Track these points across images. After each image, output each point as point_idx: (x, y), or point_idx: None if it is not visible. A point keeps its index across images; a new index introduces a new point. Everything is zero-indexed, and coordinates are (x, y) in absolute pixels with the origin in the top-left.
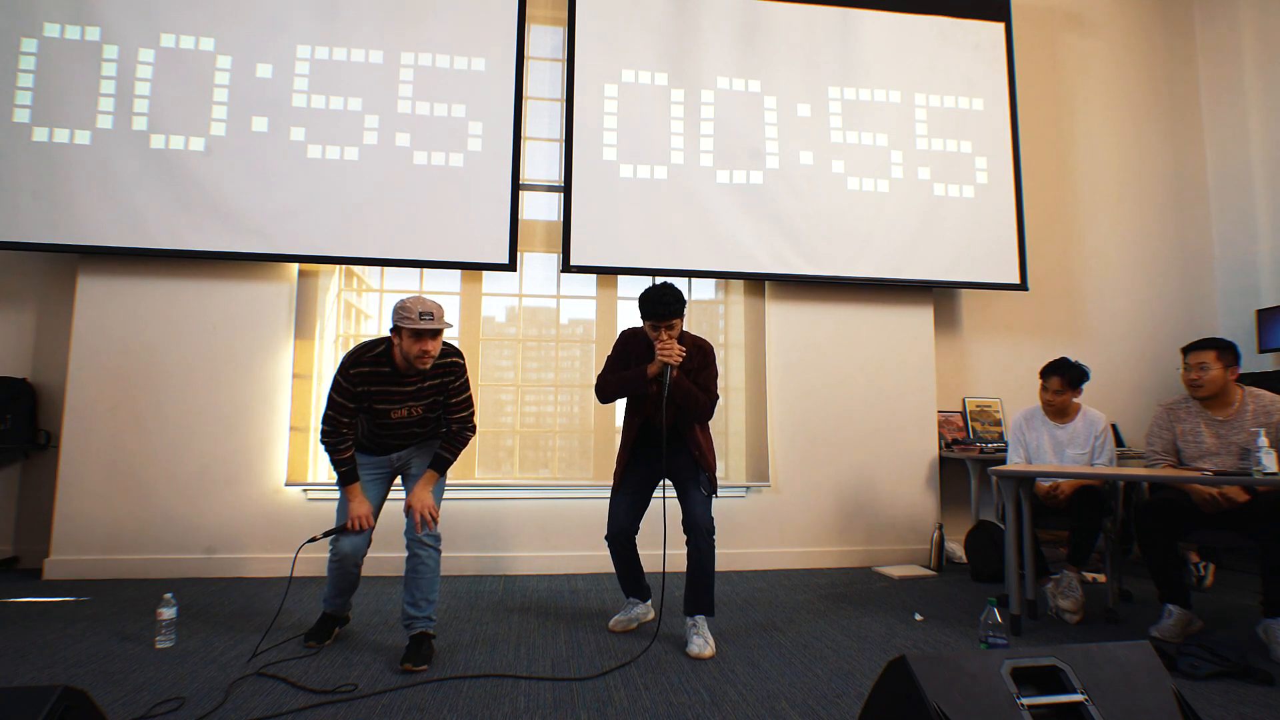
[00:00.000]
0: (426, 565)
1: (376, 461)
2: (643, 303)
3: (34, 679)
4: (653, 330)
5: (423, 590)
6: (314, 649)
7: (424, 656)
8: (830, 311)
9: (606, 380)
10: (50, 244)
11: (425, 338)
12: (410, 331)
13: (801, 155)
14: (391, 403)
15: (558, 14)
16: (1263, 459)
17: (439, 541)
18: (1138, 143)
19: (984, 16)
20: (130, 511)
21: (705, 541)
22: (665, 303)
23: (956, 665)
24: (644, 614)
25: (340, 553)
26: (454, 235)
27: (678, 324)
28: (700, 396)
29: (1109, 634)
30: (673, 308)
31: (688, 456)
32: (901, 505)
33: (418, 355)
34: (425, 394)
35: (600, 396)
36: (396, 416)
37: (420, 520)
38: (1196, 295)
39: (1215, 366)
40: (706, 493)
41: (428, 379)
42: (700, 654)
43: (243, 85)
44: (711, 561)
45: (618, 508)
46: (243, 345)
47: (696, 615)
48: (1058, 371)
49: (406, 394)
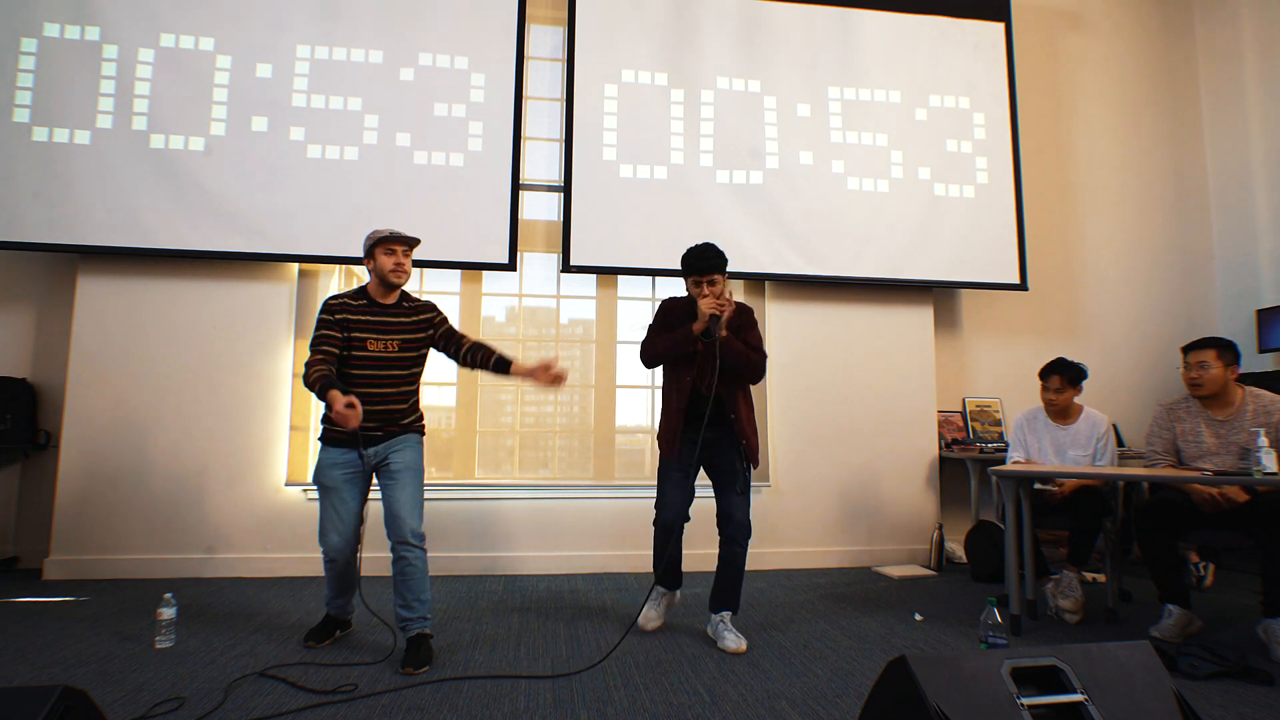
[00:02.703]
0: (414, 566)
1: (349, 459)
2: (686, 259)
3: (34, 679)
4: (695, 287)
5: (413, 591)
6: (311, 647)
7: (424, 658)
8: (830, 311)
9: (652, 342)
10: (50, 244)
11: (396, 249)
12: (382, 247)
13: (801, 155)
14: (367, 332)
15: (558, 14)
16: (1263, 459)
17: (423, 541)
18: (1138, 143)
19: (984, 16)
20: (130, 511)
21: (743, 544)
22: (707, 257)
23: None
24: (676, 599)
25: (330, 549)
26: (454, 235)
27: (720, 280)
28: (751, 354)
29: (1109, 634)
30: (714, 262)
31: (733, 441)
32: (901, 505)
33: (391, 269)
34: (403, 329)
35: (646, 360)
36: (373, 348)
37: (557, 372)
38: (1196, 295)
39: (1215, 365)
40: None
41: (403, 315)
42: (739, 649)
43: (243, 85)
44: (744, 562)
45: (672, 496)
46: (243, 345)
47: (724, 611)
48: (1057, 370)
49: (384, 324)
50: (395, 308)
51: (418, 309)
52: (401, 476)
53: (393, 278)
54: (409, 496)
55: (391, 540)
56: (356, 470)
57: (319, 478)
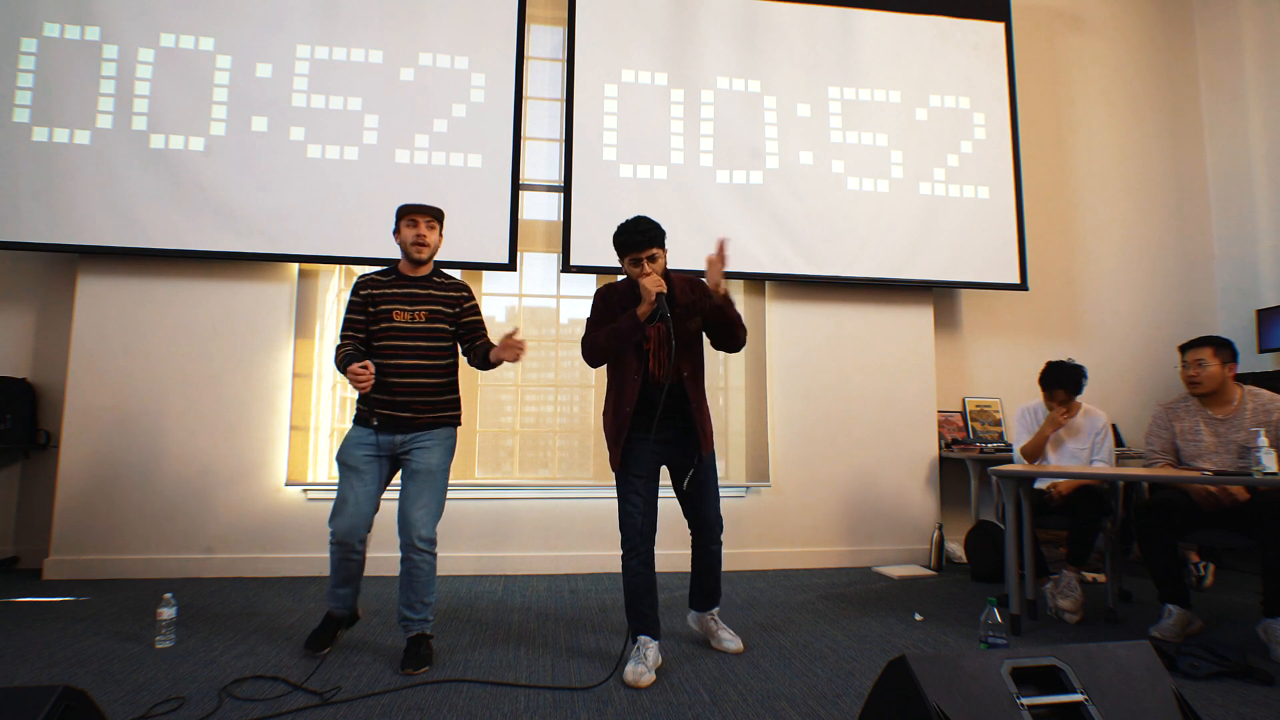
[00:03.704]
0: (421, 569)
1: (375, 441)
2: (618, 237)
3: (34, 679)
4: (634, 266)
5: (418, 593)
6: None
7: (423, 659)
8: (830, 311)
9: (594, 337)
10: (50, 244)
11: (418, 221)
12: (405, 219)
13: (801, 155)
14: (394, 304)
15: (558, 14)
16: (1263, 459)
17: (434, 546)
18: (1138, 143)
19: (984, 16)
20: (130, 512)
21: (718, 543)
22: (642, 230)
23: (956, 665)
24: (658, 659)
25: (338, 531)
26: (454, 235)
27: (660, 255)
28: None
29: (1109, 634)
30: (651, 235)
31: (693, 433)
32: (901, 505)
33: (414, 241)
34: (431, 300)
35: (589, 358)
36: (400, 319)
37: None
38: (1196, 295)
39: (1213, 363)
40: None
41: (433, 288)
42: (738, 649)
43: (242, 85)
44: (720, 559)
45: (634, 507)
46: (243, 345)
47: (712, 609)
48: (1060, 385)
49: (412, 295)
50: (425, 280)
51: (451, 284)
52: (420, 479)
53: (414, 250)
54: (426, 500)
55: (400, 540)
56: (380, 453)
57: (341, 455)
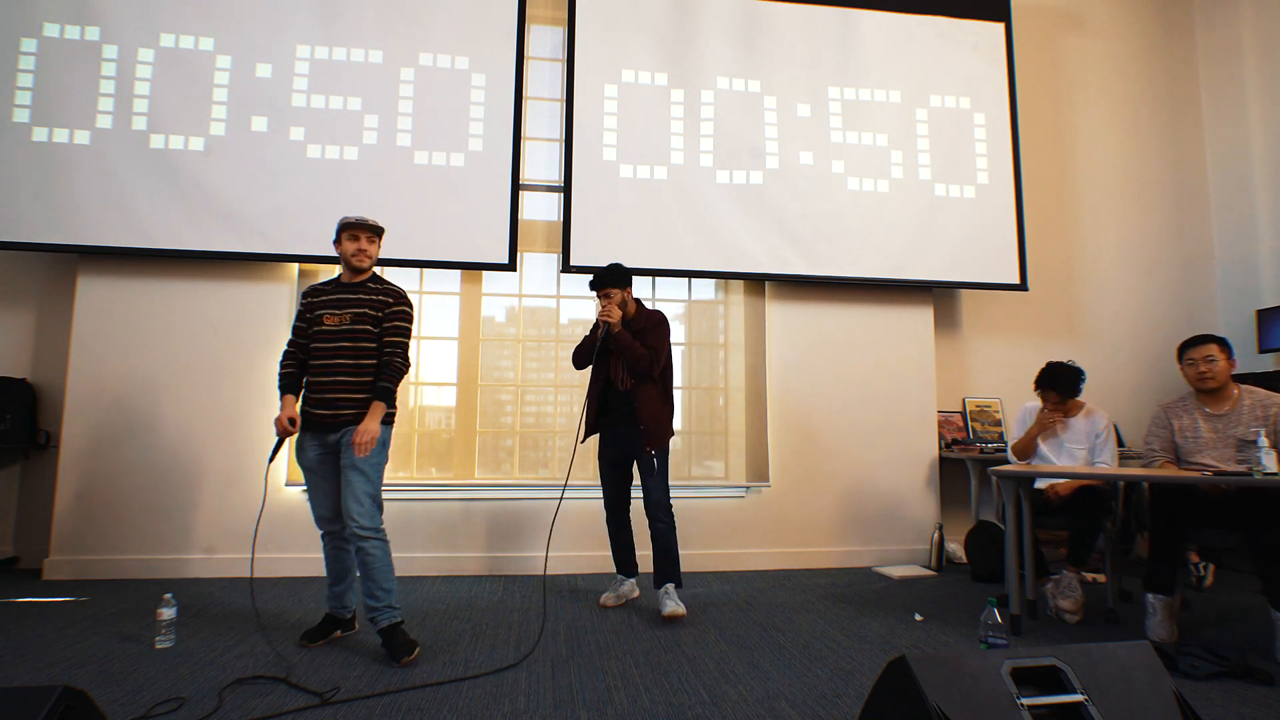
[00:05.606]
0: (371, 555)
1: (320, 440)
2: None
3: (34, 679)
4: (599, 299)
5: (376, 581)
6: (306, 646)
7: (406, 646)
8: (830, 311)
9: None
10: (50, 244)
11: (359, 235)
12: (346, 233)
13: (801, 155)
14: (326, 309)
15: (558, 14)
16: (1263, 458)
17: (378, 532)
18: (1138, 143)
19: (984, 16)
20: (130, 511)
21: (663, 520)
22: (599, 276)
23: (956, 665)
24: (630, 591)
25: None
26: (454, 235)
27: (615, 293)
28: (638, 348)
29: (1109, 634)
30: (603, 279)
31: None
32: (901, 505)
33: (354, 254)
34: (360, 304)
35: (574, 363)
36: (329, 323)
37: (356, 443)
38: (1196, 295)
39: (1221, 358)
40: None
41: (364, 293)
42: (675, 613)
43: (242, 85)
44: (672, 537)
45: (604, 487)
46: (243, 345)
47: (666, 584)
48: (1053, 387)
49: (342, 300)
50: (359, 286)
51: (383, 290)
52: (348, 473)
53: (354, 260)
54: (356, 493)
55: (348, 533)
56: (325, 451)
57: (298, 458)
